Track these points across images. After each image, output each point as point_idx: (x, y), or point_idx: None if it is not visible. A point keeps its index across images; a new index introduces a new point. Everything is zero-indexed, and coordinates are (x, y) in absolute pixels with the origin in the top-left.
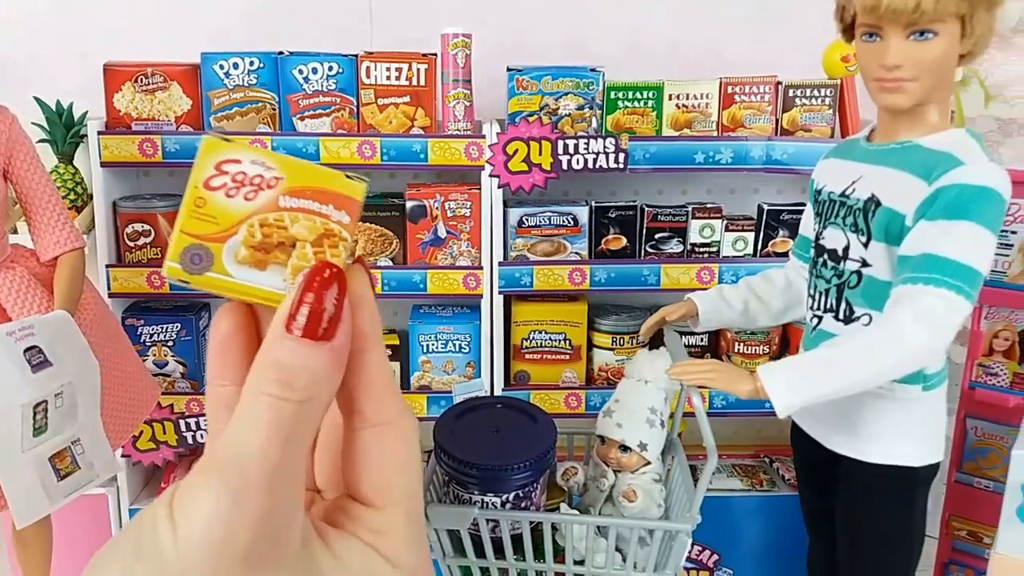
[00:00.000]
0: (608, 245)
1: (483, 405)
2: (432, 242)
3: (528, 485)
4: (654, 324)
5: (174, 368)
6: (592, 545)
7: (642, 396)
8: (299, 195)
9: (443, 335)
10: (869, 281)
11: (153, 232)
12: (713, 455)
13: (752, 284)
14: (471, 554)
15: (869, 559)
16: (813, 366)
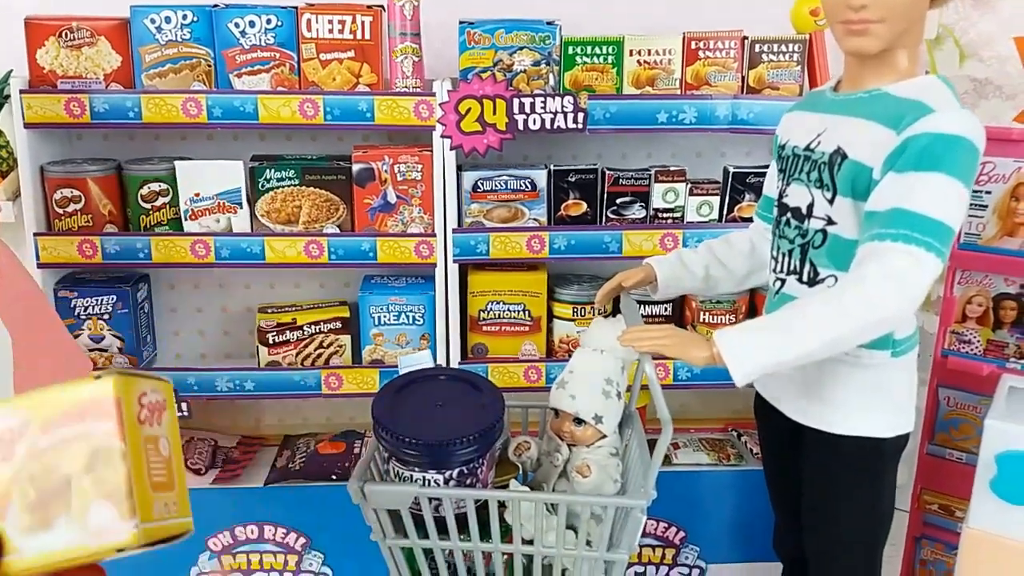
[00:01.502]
0: (567, 211)
1: (426, 377)
2: (381, 208)
3: (473, 461)
4: (610, 291)
5: (111, 343)
6: (543, 523)
7: (597, 366)
8: (52, 427)
9: (395, 306)
10: (835, 240)
11: (84, 198)
12: (668, 427)
13: (714, 248)
14: (413, 535)
15: (836, 535)
16: (773, 331)
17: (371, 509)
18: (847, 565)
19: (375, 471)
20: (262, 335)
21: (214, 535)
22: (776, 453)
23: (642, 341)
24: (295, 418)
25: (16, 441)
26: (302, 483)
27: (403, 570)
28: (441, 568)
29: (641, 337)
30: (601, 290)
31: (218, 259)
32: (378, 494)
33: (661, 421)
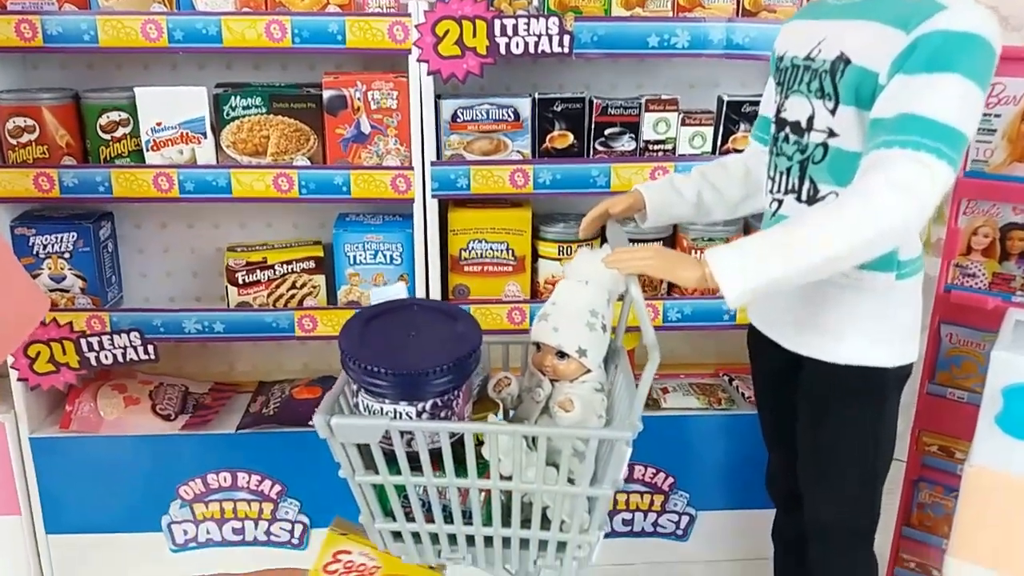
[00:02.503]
0: (553, 143)
1: (398, 308)
2: (355, 138)
3: (448, 393)
4: (596, 218)
5: (73, 282)
6: (523, 459)
7: (582, 298)
8: None
9: (372, 244)
10: (836, 154)
11: (38, 128)
12: (655, 353)
13: (706, 173)
14: (383, 471)
15: (834, 472)
16: (769, 247)
17: (339, 444)
18: (845, 503)
19: (344, 406)
20: (231, 275)
21: (185, 483)
22: (770, 388)
23: (628, 262)
24: (270, 364)
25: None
26: (277, 429)
27: (374, 508)
28: (415, 506)
29: (627, 258)
30: (586, 218)
31: (182, 193)
32: (346, 428)
33: (647, 346)
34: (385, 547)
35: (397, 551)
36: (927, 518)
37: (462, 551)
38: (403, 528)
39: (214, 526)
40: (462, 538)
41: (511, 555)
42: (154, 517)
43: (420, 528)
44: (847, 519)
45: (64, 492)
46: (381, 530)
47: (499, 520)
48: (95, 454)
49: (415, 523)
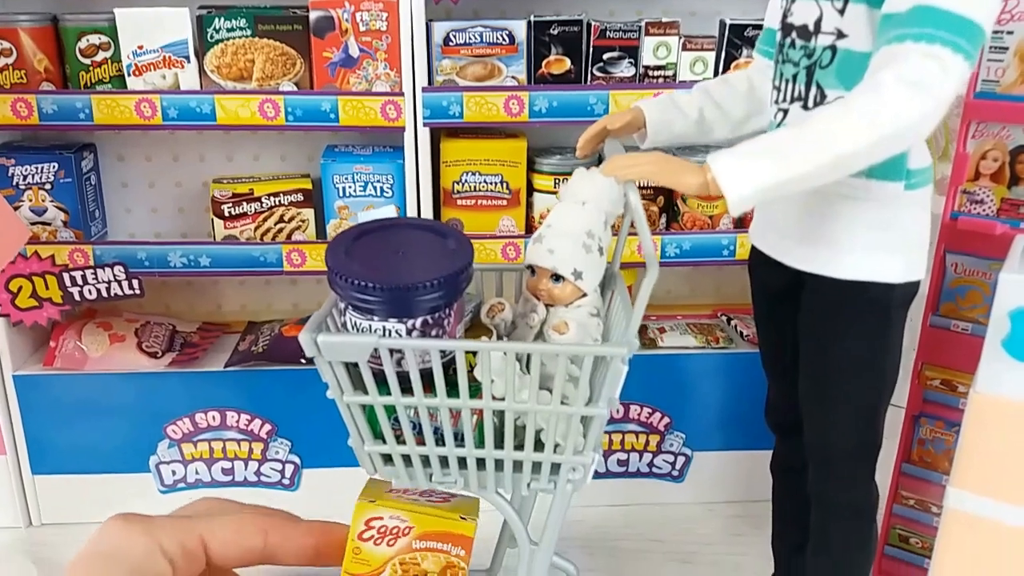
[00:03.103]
0: (549, 68)
1: (386, 226)
2: (343, 62)
3: (439, 310)
4: (593, 136)
5: (55, 215)
6: (516, 380)
7: (578, 219)
8: (426, 539)
9: (361, 175)
10: (845, 56)
11: (15, 52)
12: (653, 265)
13: (709, 89)
14: (373, 391)
15: (835, 396)
16: (774, 148)
17: (327, 363)
18: (846, 426)
19: (332, 327)
20: (216, 206)
21: (172, 422)
22: (771, 311)
23: (627, 169)
24: (259, 304)
25: (400, 537)
26: (266, 366)
27: (363, 430)
28: (405, 428)
29: (625, 164)
30: (584, 135)
31: (166, 120)
32: (333, 346)
33: (646, 258)
34: (375, 471)
35: (388, 475)
36: (927, 454)
37: (454, 474)
38: (393, 451)
39: (203, 466)
40: (454, 461)
41: (504, 478)
42: (142, 457)
43: (411, 451)
44: (849, 443)
45: (50, 432)
46: (371, 453)
47: (492, 442)
48: (80, 392)
49: (405, 446)
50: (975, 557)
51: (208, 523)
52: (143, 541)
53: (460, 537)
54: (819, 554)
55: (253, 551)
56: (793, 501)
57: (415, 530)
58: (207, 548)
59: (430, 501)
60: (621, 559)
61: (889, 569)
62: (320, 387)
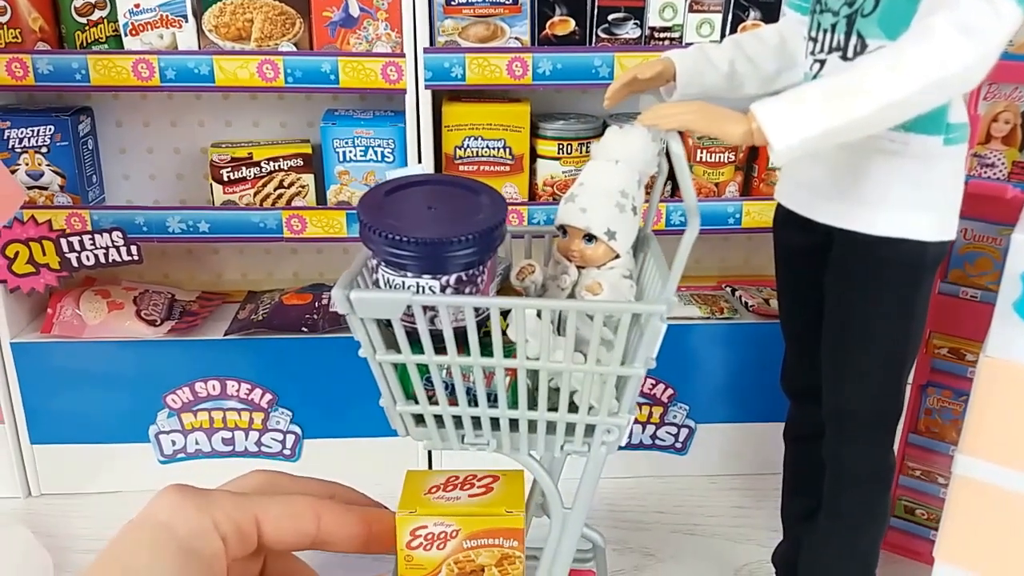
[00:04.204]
0: (553, 30)
1: (417, 182)
2: (343, 22)
3: (473, 267)
4: (622, 86)
5: (51, 179)
6: (551, 343)
7: (611, 177)
8: (476, 537)
9: (362, 140)
10: (890, 3)
11: (10, 10)
12: (695, 218)
13: (740, 42)
14: (406, 350)
15: (860, 354)
16: (822, 95)
17: (359, 321)
18: (868, 389)
19: (363, 284)
20: (215, 171)
21: (172, 391)
22: (795, 271)
23: (668, 118)
24: (259, 273)
25: (449, 540)
26: (267, 334)
27: (395, 390)
28: (438, 387)
29: (666, 114)
30: (612, 85)
31: (163, 82)
32: (366, 302)
33: (687, 210)
34: (407, 432)
35: (419, 436)
36: (934, 424)
37: (486, 436)
38: (425, 411)
39: (203, 436)
40: (487, 422)
41: (537, 440)
42: (141, 427)
43: (443, 411)
44: (868, 405)
45: (48, 400)
46: (403, 414)
47: (525, 403)
48: (78, 360)
49: (438, 406)
50: (983, 524)
51: (264, 503)
52: (197, 517)
53: (510, 531)
54: (831, 519)
55: (306, 536)
56: (805, 469)
57: (463, 532)
58: (260, 529)
59: (472, 497)
60: (624, 531)
61: (894, 541)
62: (321, 356)
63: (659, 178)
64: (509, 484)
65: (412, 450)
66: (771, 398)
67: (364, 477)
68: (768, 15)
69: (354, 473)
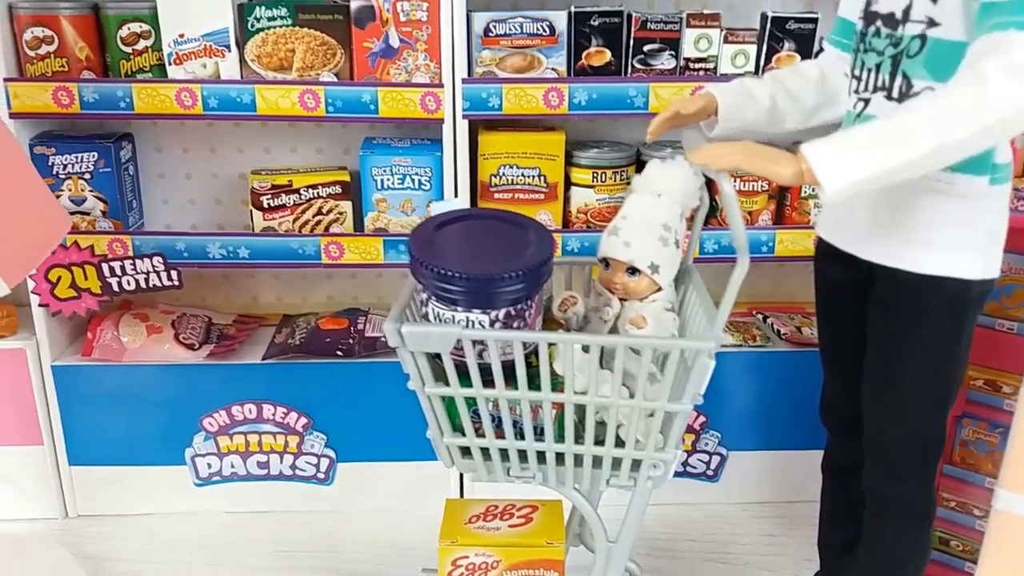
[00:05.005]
0: (589, 60)
1: (467, 217)
2: (383, 53)
3: (521, 301)
4: (665, 120)
5: (94, 205)
6: (597, 376)
7: (654, 211)
8: (517, 568)
9: (400, 168)
10: (936, 45)
11: (57, 40)
12: (744, 256)
13: (780, 77)
14: (454, 382)
15: (903, 390)
16: (873, 138)
17: (409, 354)
18: (910, 424)
19: (411, 316)
20: (256, 198)
21: (209, 414)
22: (836, 306)
23: (719, 158)
24: (294, 296)
25: (490, 570)
26: (303, 359)
27: (443, 422)
28: (485, 420)
29: (716, 154)
30: (655, 121)
31: (206, 110)
32: (417, 336)
33: (737, 248)
34: (452, 463)
35: (465, 468)
36: (970, 455)
37: (532, 469)
38: (472, 444)
39: (238, 459)
40: (533, 455)
41: (583, 474)
42: (178, 450)
43: (490, 444)
44: (911, 440)
45: (87, 422)
46: (450, 446)
47: (572, 437)
48: (117, 383)
49: (485, 439)
50: None
51: None
52: None
53: (551, 562)
54: (871, 553)
55: None
56: (844, 501)
57: (504, 562)
58: None
59: (512, 527)
60: (657, 559)
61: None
62: (356, 381)
63: (700, 211)
64: (548, 514)
65: (443, 475)
66: (803, 426)
67: (396, 500)
68: (802, 46)
69: (386, 497)
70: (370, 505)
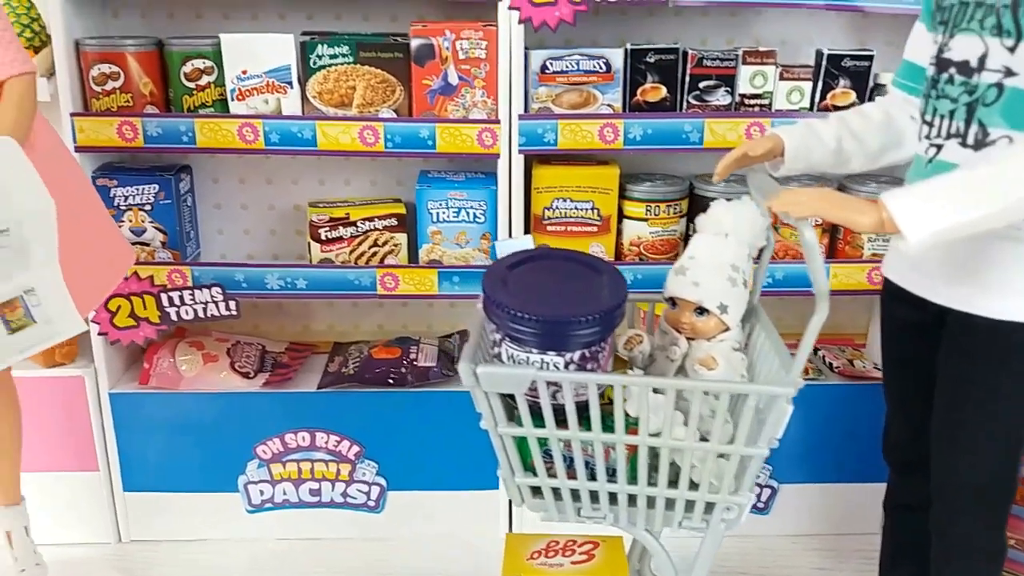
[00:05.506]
0: (644, 96)
1: (537, 257)
2: (442, 90)
3: (595, 344)
4: (732, 162)
5: (153, 236)
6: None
7: (722, 251)
8: None
9: (455, 202)
10: (1013, 94)
11: (123, 75)
12: (825, 302)
13: (846, 119)
14: (527, 423)
15: (975, 434)
16: (956, 189)
17: (482, 394)
18: (983, 468)
19: (480, 356)
20: (314, 230)
21: (263, 442)
22: (903, 347)
23: (798, 205)
24: (345, 324)
25: None
26: (357, 388)
27: (514, 462)
28: (557, 460)
29: (796, 201)
30: (723, 161)
31: (267, 145)
32: (493, 377)
33: (817, 295)
34: (522, 502)
35: (535, 507)
36: None
37: (604, 510)
38: (544, 484)
39: (291, 487)
40: (605, 496)
41: (655, 515)
42: (231, 477)
43: (562, 484)
44: (982, 482)
45: (141, 449)
46: (520, 485)
47: (645, 478)
48: (174, 411)
49: (556, 479)
50: None
51: None
52: None
53: None
54: None
55: None
56: (908, 539)
57: None
58: None
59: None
60: None
61: None
62: (408, 410)
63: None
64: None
65: (492, 505)
66: (853, 459)
67: (445, 529)
68: (857, 83)
69: (436, 525)
70: (420, 534)
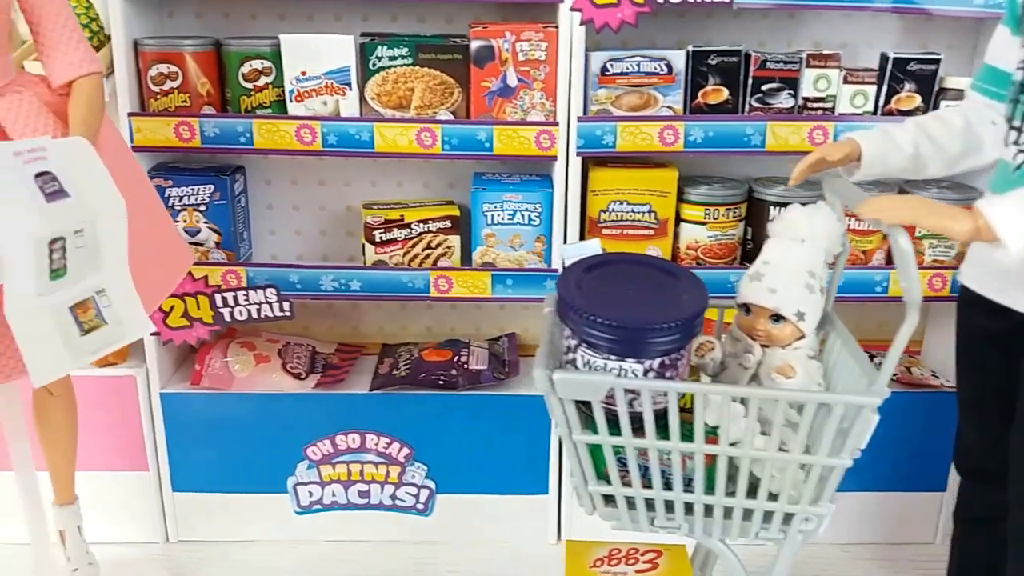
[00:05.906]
0: (705, 98)
1: (613, 262)
2: (500, 92)
3: (675, 351)
4: (809, 167)
5: (207, 236)
6: (753, 429)
7: (799, 257)
8: None
9: (510, 204)
10: None
11: (181, 75)
12: (914, 312)
13: (923, 124)
14: (603, 431)
15: None
16: None
17: (557, 400)
18: None
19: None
20: (368, 232)
21: (313, 443)
22: (981, 356)
23: (891, 211)
24: (394, 326)
25: None
26: (408, 390)
27: (587, 470)
28: (632, 469)
29: (889, 207)
30: (800, 164)
31: (325, 146)
32: (569, 383)
33: (908, 304)
34: (594, 510)
35: (607, 516)
36: None
37: (678, 519)
38: (617, 492)
39: (340, 488)
40: (680, 506)
41: (731, 526)
42: (280, 478)
43: (636, 493)
44: None
45: (191, 449)
46: (593, 493)
47: (723, 488)
48: (224, 411)
49: (631, 488)
50: None
51: None
52: None
53: None
54: None
55: None
56: (979, 551)
57: None
58: None
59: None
60: None
61: None
62: (458, 413)
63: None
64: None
65: (542, 509)
66: (906, 467)
67: (494, 533)
68: (923, 87)
69: (484, 529)
70: (468, 537)
